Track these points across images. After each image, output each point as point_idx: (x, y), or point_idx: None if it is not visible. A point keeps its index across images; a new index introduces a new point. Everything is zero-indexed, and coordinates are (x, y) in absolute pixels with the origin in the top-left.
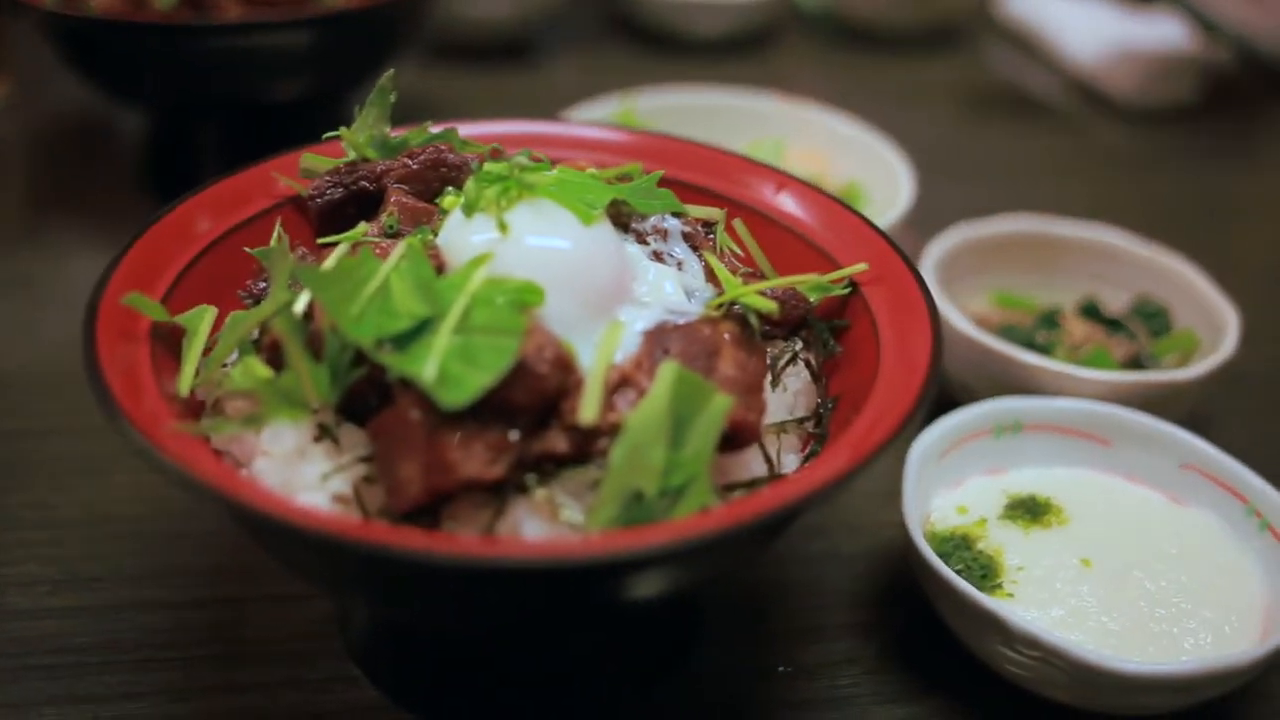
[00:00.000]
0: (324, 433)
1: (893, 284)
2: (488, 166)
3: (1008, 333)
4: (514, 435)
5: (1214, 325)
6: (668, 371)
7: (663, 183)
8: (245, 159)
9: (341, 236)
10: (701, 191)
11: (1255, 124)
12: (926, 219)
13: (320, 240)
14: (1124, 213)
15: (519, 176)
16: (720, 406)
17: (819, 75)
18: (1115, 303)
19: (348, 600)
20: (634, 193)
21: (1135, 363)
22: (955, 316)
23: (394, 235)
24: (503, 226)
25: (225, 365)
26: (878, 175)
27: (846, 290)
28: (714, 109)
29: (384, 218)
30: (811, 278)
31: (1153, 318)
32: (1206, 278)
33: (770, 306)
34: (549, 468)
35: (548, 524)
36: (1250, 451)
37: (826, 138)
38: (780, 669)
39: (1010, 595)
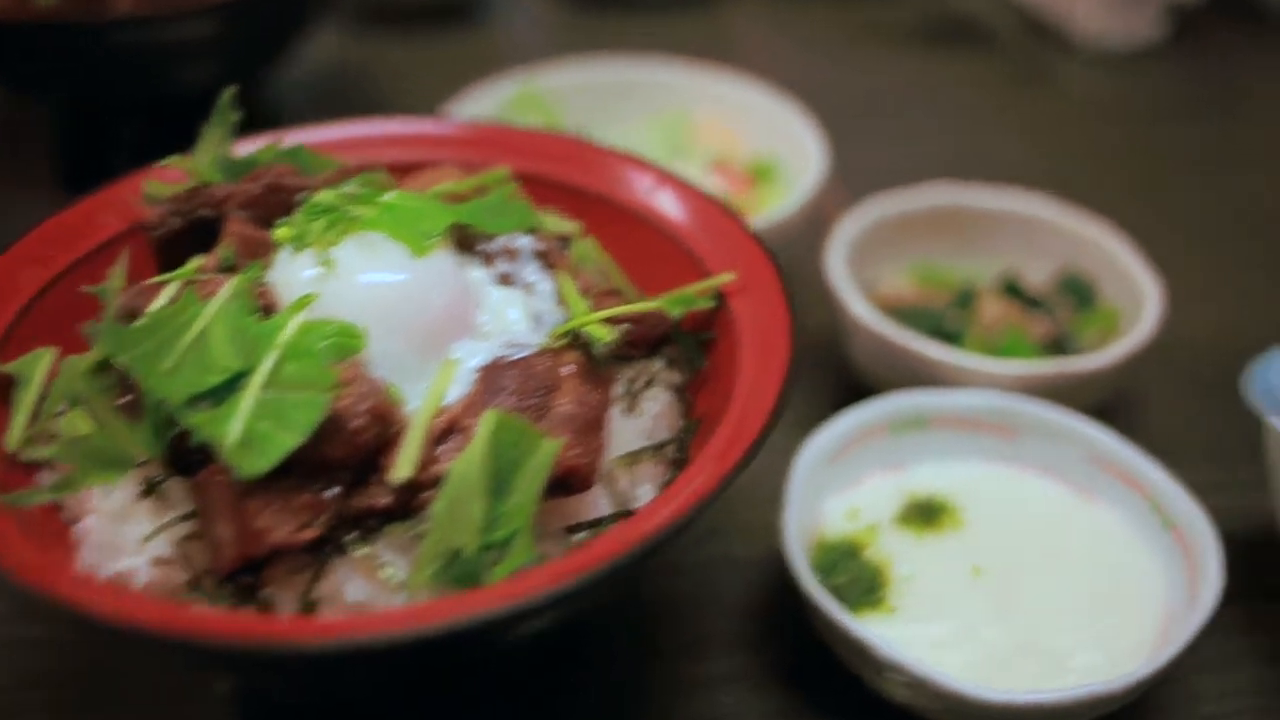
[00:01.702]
0: (150, 489)
1: (758, 295)
2: (319, 196)
3: (920, 316)
4: (331, 494)
5: (1138, 302)
6: (488, 420)
7: (535, 182)
8: (163, 152)
9: (170, 275)
10: (574, 191)
11: (1228, 69)
12: (871, 171)
13: (149, 281)
14: (1079, 167)
15: (346, 209)
16: (547, 453)
17: (770, 26)
18: (1041, 274)
19: None
20: (481, 211)
21: (1054, 343)
22: (859, 305)
23: (230, 269)
24: (327, 264)
25: (60, 413)
26: (790, 146)
27: (714, 302)
28: (619, 83)
29: (220, 250)
30: (674, 293)
31: (1077, 292)
32: (1133, 250)
33: (609, 337)
34: (373, 523)
35: (370, 584)
36: (1173, 433)
37: (737, 108)
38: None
39: (893, 610)
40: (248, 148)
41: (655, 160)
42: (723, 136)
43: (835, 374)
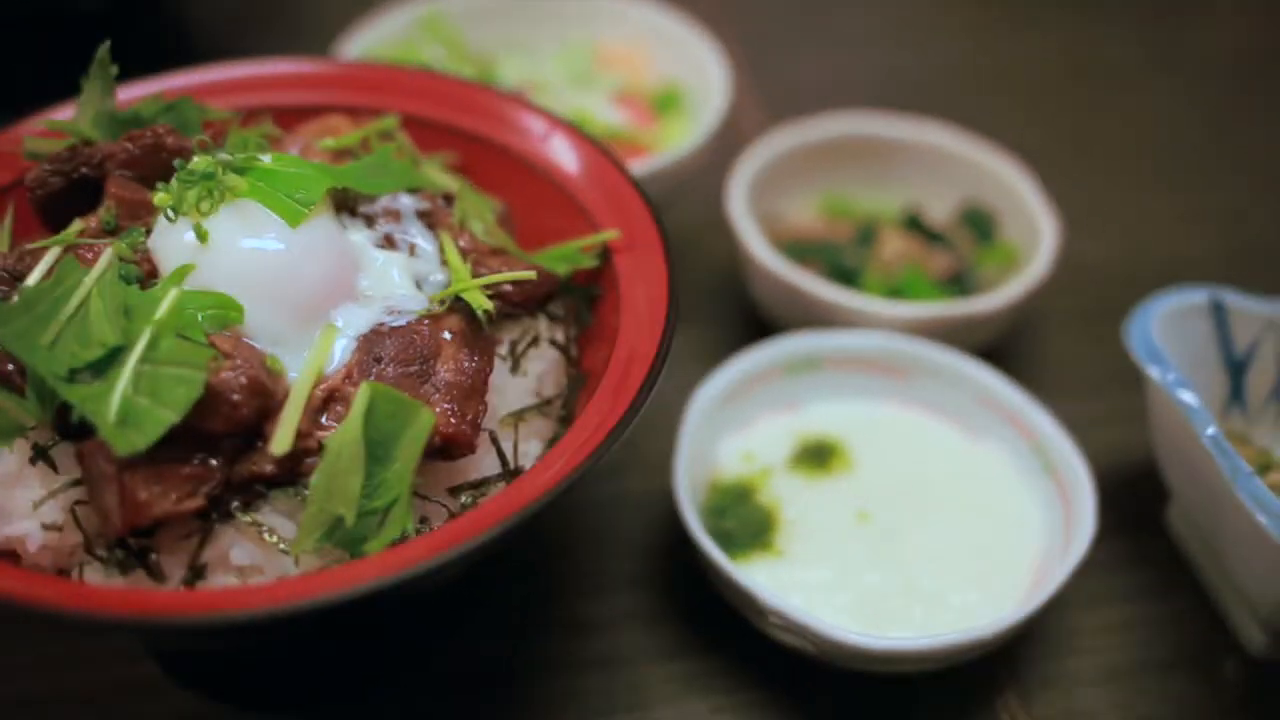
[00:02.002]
0: (39, 454)
1: (642, 252)
2: (194, 162)
3: (823, 250)
4: (214, 463)
5: (1036, 237)
6: (364, 392)
7: (425, 126)
8: (62, 75)
9: (50, 241)
10: (465, 136)
11: None
12: (792, 89)
13: (32, 245)
14: (991, 80)
15: (222, 177)
16: (425, 423)
17: None
18: (945, 205)
19: None
20: (361, 172)
21: (954, 278)
22: (758, 245)
23: (112, 232)
24: (202, 235)
25: None
26: (697, 73)
27: (599, 259)
28: (525, 6)
29: (101, 213)
30: (559, 249)
31: (978, 225)
32: (1031, 182)
33: (487, 305)
34: (259, 489)
35: (256, 548)
36: (1062, 367)
37: (644, 32)
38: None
39: (780, 554)
40: (133, 93)
41: (550, 99)
42: (628, 63)
43: (738, 306)
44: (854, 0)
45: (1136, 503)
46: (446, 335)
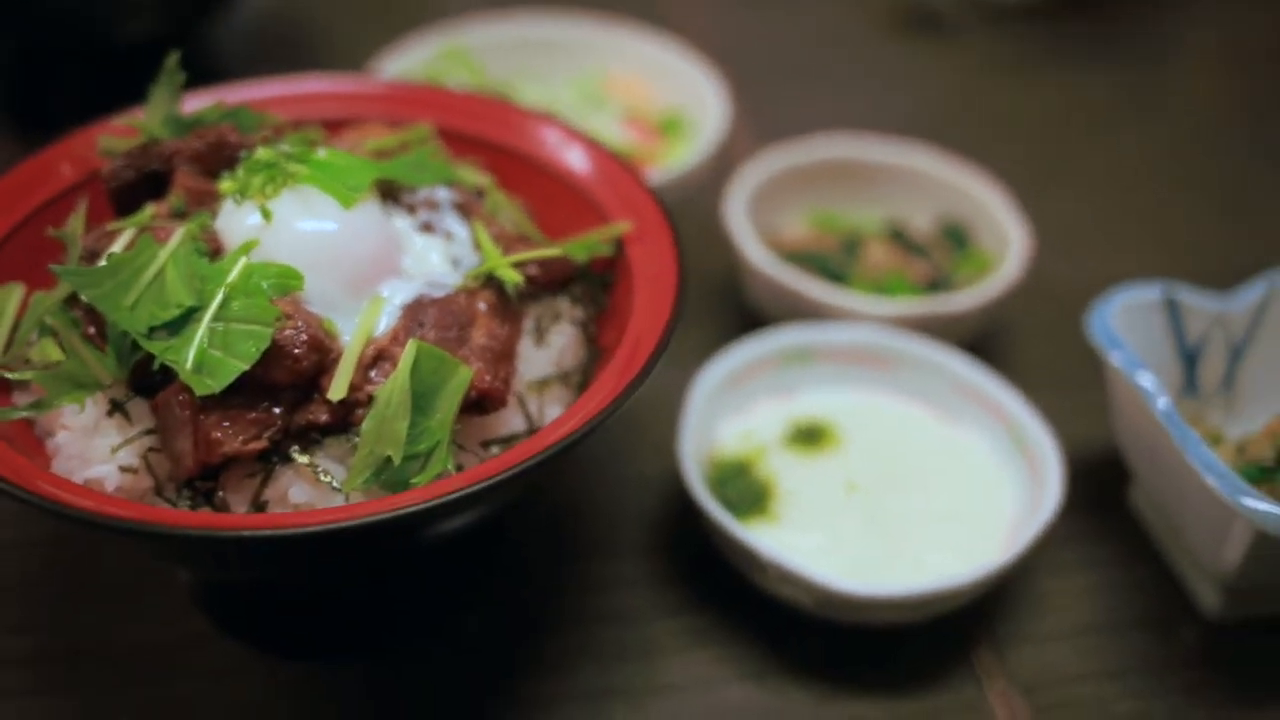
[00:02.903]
0: (115, 408)
1: (652, 242)
2: (258, 154)
3: (813, 259)
4: (276, 411)
5: (1007, 247)
6: (410, 348)
7: (454, 137)
8: (110, 94)
9: (126, 221)
10: (491, 146)
11: (1116, 21)
12: (780, 121)
13: (110, 226)
14: (970, 117)
15: (283, 165)
16: (463, 378)
17: None
18: (924, 221)
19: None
20: (404, 167)
21: (933, 283)
22: (754, 249)
23: (180, 216)
24: (266, 214)
25: (30, 343)
26: (697, 100)
27: (614, 248)
28: (540, 39)
29: (171, 199)
30: (578, 239)
31: (954, 237)
32: (1004, 199)
33: (516, 278)
34: (314, 436)
35: (312, 488)
36: (1033, 364)
37: (648, 64)
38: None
39: (777, 520)
40: (195, 104)
41: (567, 117)
42: (636, 91)
43: (735, 310)
44: (844, 42)
45: (1100, 485)
46: (481, 306)
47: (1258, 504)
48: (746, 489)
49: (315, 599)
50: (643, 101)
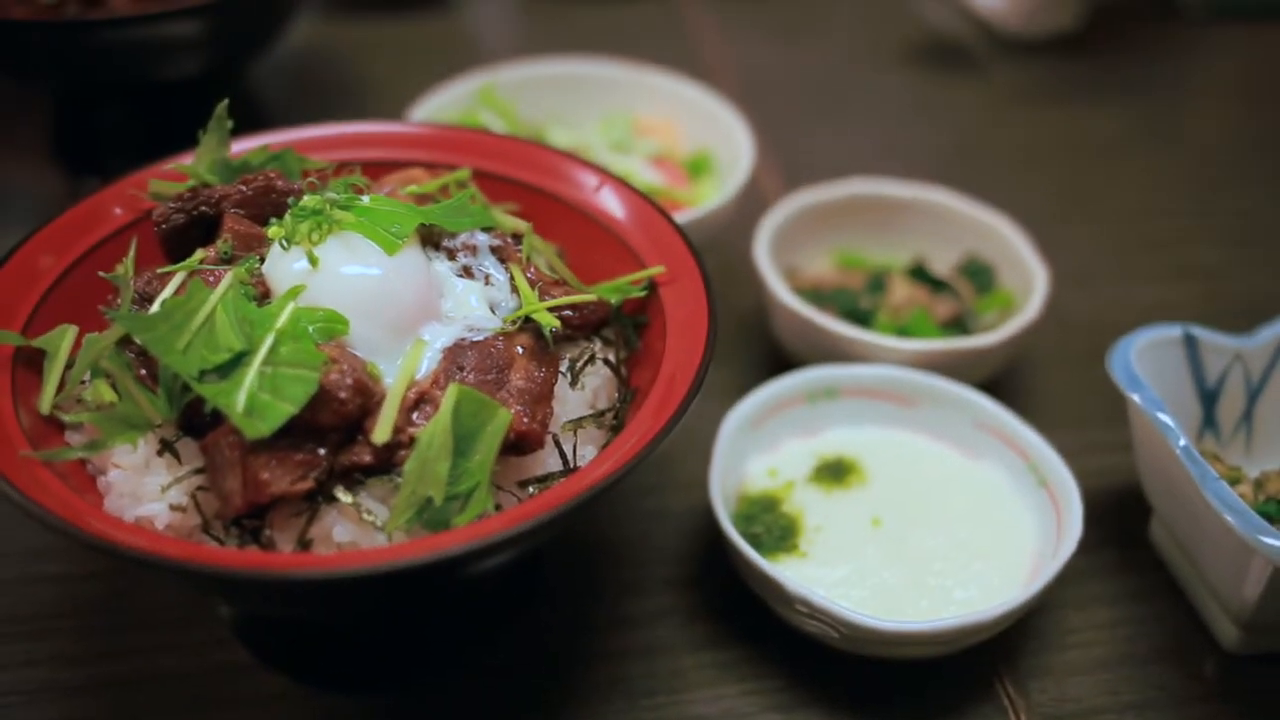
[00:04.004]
0: (165, 447)
1: (684, 285)
2: (304, 200)
3: (838, 296)
4: (322, 452)
5: (1030, 286)
6: (452, 392)
7: (493, 179)
8: (155, 133)
9: (178, 266)
10: (528, 189)
11: (1134, 55)
12: (809, 159)
13: (160, 270)
14: (992, 152)
15: (329, 212)
16: (502, 421)
17: (722, 19)
18: (948, 260)
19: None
20: (444, 212)
21: (958, 322)
22: (780, 289)
23: (228, 261)
24: (313, 260)
25: (83, 383)
26: (725, 141)
27: (646, 291)
28: (571, 79)
29: (219, 244)
30: (612, 283)
31: (978, 276)
32: (1027, 239)
33: (554, 322)
34: (358, 476)
35: (355, 527)
36: (1055, 402)
37: (675, 104)
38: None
39: (804, 554)
40: (241, 147)
41: (599, 161)
42: (664, 132)
43: (763, 348)
44: (870, 77)
45: (1122, 520)
46: (519, 349)
47: (1275, 541)
48: (774, 524)
49: (351, 632)
50: (671, 142)
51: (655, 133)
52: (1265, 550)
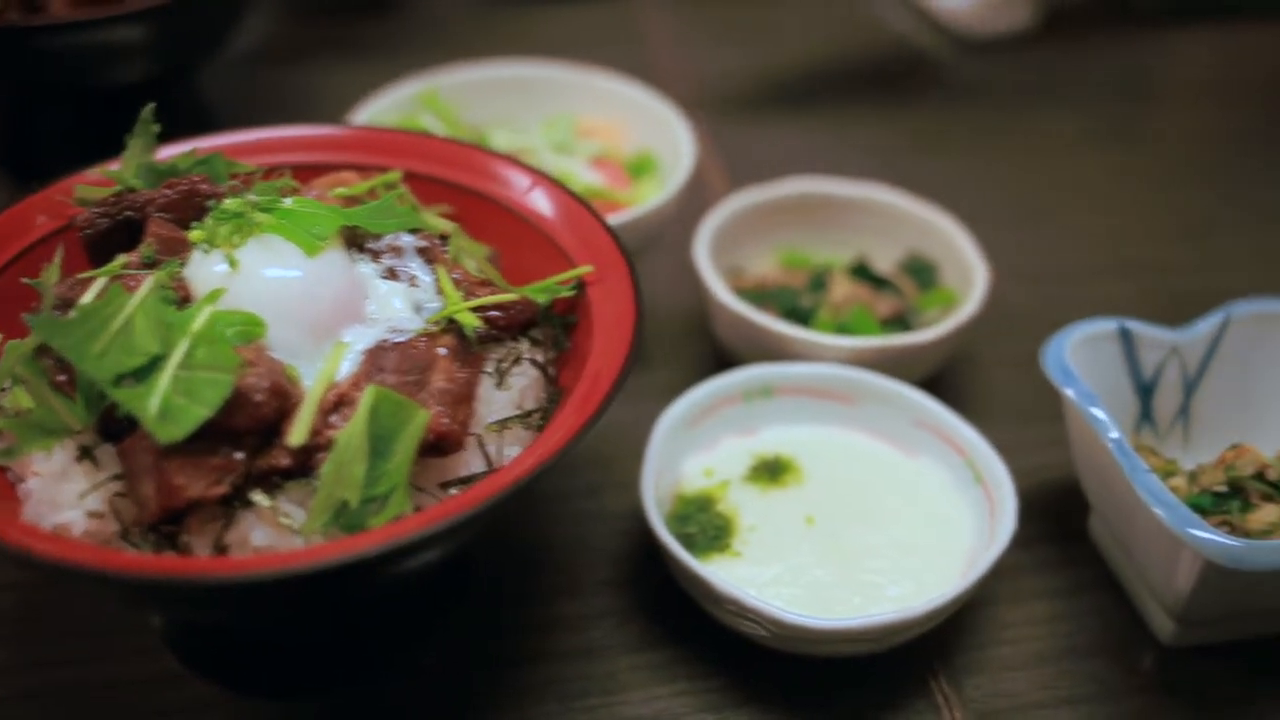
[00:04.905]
0: (84, 454)
1: (612, 284)
2: (225, 203)
3: (779, 295)
4: (238, 456)
5: (971, 283)
6: (369, 394)
7: (426, 181)
8: (100, 137)
9: (99, 271)
10: (460, 190)
11: (1089, 55)
12: (760, 158)
13: (82, 275)
14: (941, 150)
15: (250, 214)
16: (421, 421)
17: (676, 18)
18: (891, 257)
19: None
20: (369, 214)
21: (900, 319)
22: (720, 289)
23: (151, 265)
24: (233, 263)
25: (3, 390)
26: (668, 142)
27: (575, 291)
28: (513, 82)
29: (143, 248)
30: (540, 283)
31: (920, 273)
32: (968, 235)
33: (475, 323)
34: (277, 480)
35: (273, 531)
36: (993, 398)
37: (619, 106)
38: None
39: (738, 554)
40: (170, 152)
41: (541, 162)
42: (607, 134)
43: (706, 348)
44: (819, 84)
45: (1061, 515)
46: (441, 351)
47: (1204, 534)
48: (708, 524)
49: (281, 638)
50: (614, 144)
51: (598, 134)
52: (1193, 543)
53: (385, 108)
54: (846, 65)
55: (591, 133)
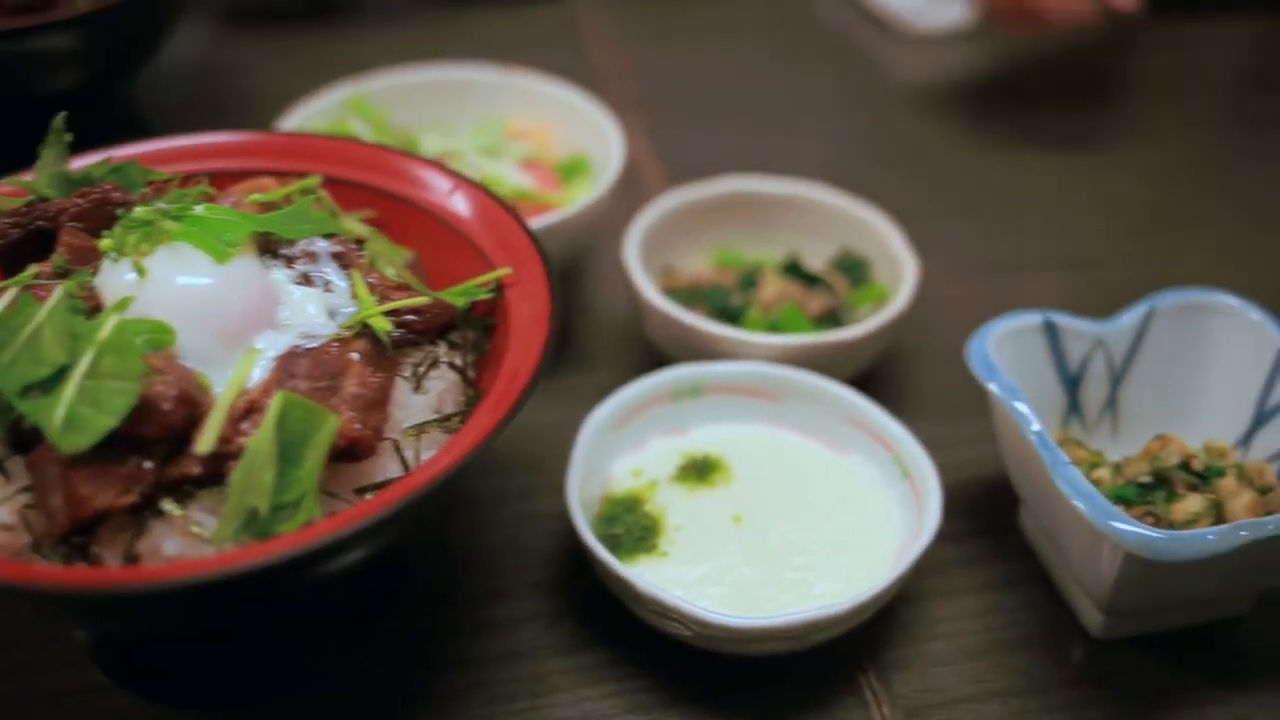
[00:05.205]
0: None
1: (529, 284)
2: (136, 212)
3: (710, 294)
4: (147, 465)
5: (901, 280)
6: (277, 400)
7: (347, 186)
8: (24, 151)
9: (9, 282)
10: (382, 194)
11: (1028, 51)
12: (699, 158)
13: None
14: (881, 149)
15: (159, 222)
16: (331, 427)
17: (616, 22)
18: (825, 255)
19: None
20: (282, 220)
21: (831, 316)
22: (647, 288)
23: (63, 275)
24: (141, 271)
25: None
26: (600, 144)
27: (493, 293)
28: (443, 86)
29: (55, 258)
30: (460, 286)
31: (852, 270)
32: (899, 231)
33: (387, 326)
34: (188, 489)
35: (184, 540)
36: (925, 394)
37: (551, 108)
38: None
39: (665, 554)
40: (85, 161)
41: (470, 166)
42: (537, 137)
43: (639, 350)
44: (760, 84)
45: (992, 509)
46: (354, 356)
47: (1124, 526)
48: (635, 524)
49: (206, 649)
50: (544, 146)
51: (529, 137)
52: (1113, 535)
53: (314, 113)
54: (788, 64)
55: (523, 135)
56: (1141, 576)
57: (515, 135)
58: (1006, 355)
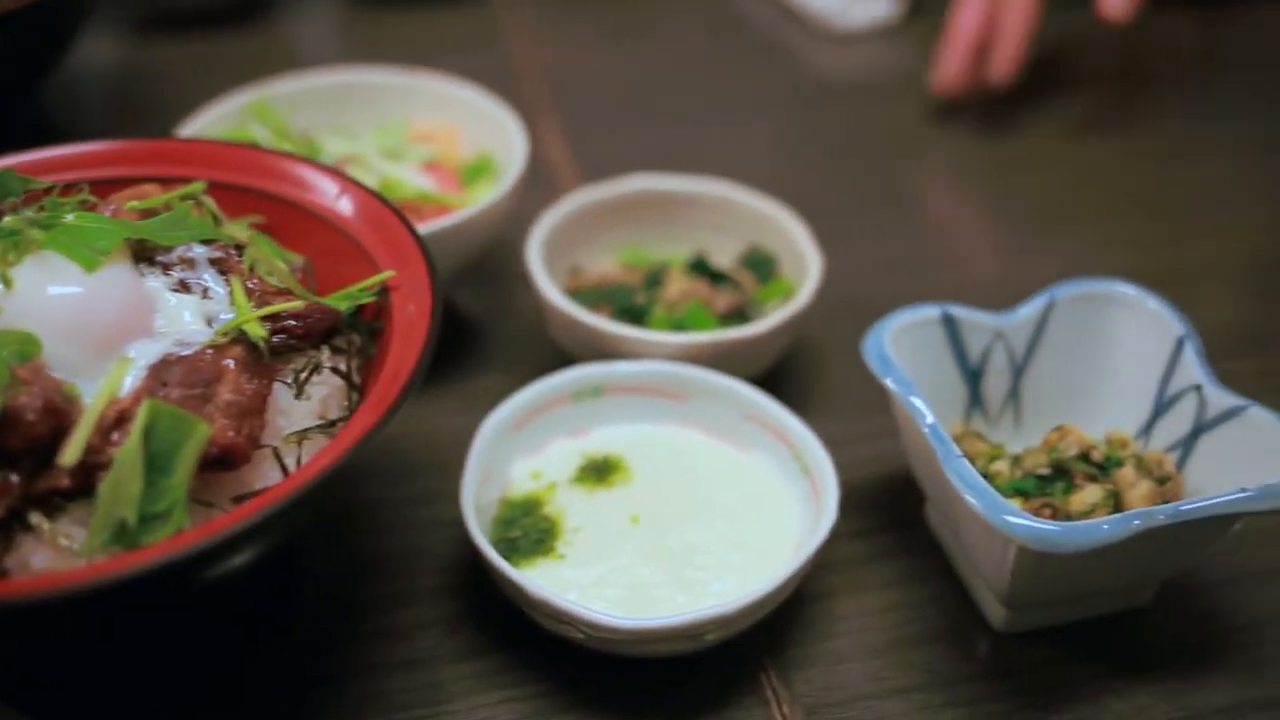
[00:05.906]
0: None
1: (413, 286)
2: (4, 221)
3: (614, 294)
4: (13, 478)
5: (806, 275)
6: (144, 409)
7: (233, 190)
8: None
9: None
10: (268, 198)
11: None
12: (616, 159)
13: None
14: (801, 147)
15: (26, 231)
16: (201, 435)
17: (539, 23)
18: (733, 252)
19: None
20: (158, 226)
21: (739, 313)
22: (548, 288)
23: None
24: (8, 282)
25: None
26: (505, 145)
27: (378, 296)
28: (346, 89)
29: None
30: (341, 291)
31: (760, 267)
32: (806, 228)
33: (262, 333)
34: (58, 501)
35: (54, 553)
36: (830, 391)
37: (455, 110)
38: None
39: (562, 557)
40: None
41: (362, 169)
42: (441, 139)
43: (546, 352)
44: (681, 83)
45: (897, 505)
46: (229, 362)
47: (1014, 519)
48: (532, 528)
49: (88, 664)
50: (448, 148)
51: (433, 140)
52: (1004, 528)
53: (216, 118)
54: (710, 62)
55: (427, 138)
56: (1037, 569)
57: (420, 138)
58: (905, 349)
